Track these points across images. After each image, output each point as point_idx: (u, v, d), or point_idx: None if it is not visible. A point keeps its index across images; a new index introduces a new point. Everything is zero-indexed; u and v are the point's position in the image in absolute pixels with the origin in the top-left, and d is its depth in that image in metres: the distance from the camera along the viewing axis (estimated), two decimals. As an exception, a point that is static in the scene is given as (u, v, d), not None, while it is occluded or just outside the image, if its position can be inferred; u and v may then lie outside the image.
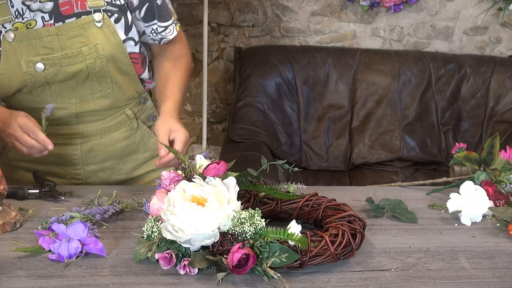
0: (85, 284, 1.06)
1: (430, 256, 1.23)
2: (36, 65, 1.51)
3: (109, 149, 1.67)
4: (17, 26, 1.50)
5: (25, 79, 1.53)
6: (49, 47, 1.51)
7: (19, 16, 1.49)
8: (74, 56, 1.53)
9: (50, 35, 1.51)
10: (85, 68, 1.54)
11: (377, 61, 3.27)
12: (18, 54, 1.51)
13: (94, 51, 1.54)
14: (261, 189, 1.30)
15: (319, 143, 3.21)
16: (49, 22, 1.51)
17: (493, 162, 1.57)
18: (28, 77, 1.52)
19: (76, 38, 1.52)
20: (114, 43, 1.55)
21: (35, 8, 1.49)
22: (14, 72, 1.52)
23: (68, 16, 1.52)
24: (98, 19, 1.53)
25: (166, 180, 1.23)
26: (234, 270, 1.07)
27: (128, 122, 1.68)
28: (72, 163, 1.67)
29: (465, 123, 3.31)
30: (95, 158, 1.66)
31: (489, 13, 3.49)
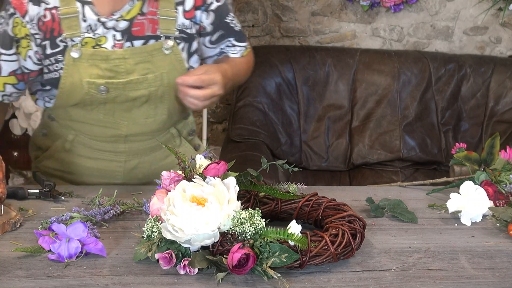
0: (85, 284, 1.06)
1: (430, 256, 1.23)
2: (99, 87, 1.46)
3: (152, 167, 1.66)
4: (87, 41, 1.45)
5: (84, 98, 1.49)
6: (115, 71, 1.47)
7: (90, 31, 1.45)
8: (139, 83, 1.49)
9: (118, 58, 1.46)
10: (146, 94, 1.51)
11: (377, 61, 3.27)
12: (82, 73, 1.46)
13: (159, 79, 1.50)
14: (261, 189, 1.30)
15: (319, 143, 3.21)
16: (120, 41, 1.46)
17: (493, 162, 1.57)
18: (88, 96, 1.48)
19: (143, 64, 1.48)
20: (179, 72, 1.51)
21: (109, 25, 1.45)
22: (74, 89, 1.48)
23: (137, 38, 1.47)
24: (167, 46, 1.49)
25: (166, 180, 1.23)
26: (234, 270, 1.07)
27: (172, 140, 1.67)
28: (113, 179, 1.65)
29: (465, 123, 3.31)
30: (137, 175, 1.65)
31: (489, 13, 3.49)
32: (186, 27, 1.53)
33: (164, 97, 1.55)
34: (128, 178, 1.66)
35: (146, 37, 1.48)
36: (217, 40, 1.60)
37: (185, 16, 1.52)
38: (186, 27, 1.53)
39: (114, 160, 1.63)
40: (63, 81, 1.47)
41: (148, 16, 1.47)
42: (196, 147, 1.77)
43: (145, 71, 1.49)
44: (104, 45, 1.46)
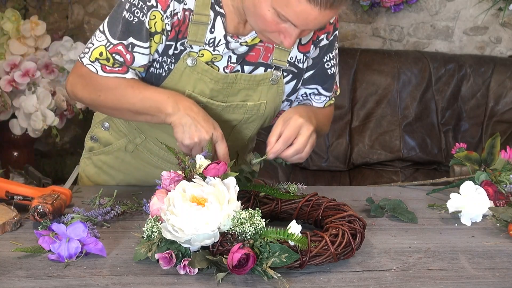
0: (85, 284, 1.06)
1: (430, 256, 1.23)
2: (199, 104, 1.38)
3: None
4: (203, 53, 1.40)
5: None
6: (219, 92, 1.43)
7: (212, 45, 1.39)
8: (238, 108, 1.46)
9: (228, 83, 1.42)
10: (240, 119, 1.48)
11: (377, 61, 3.27)
12: (187, 82, 1.41)
13: (257, 108, 1.47)
14: (261, 189, 1.30)
15: (319, 143, 3.21)
16: (233, 64, 1.42)
17: (494, 162, 1.57)
18: None
19: (247, 90, 1.45)
20: (276, 104, 1.48)
21: (232, 46, 1.40)
22: None
23: (249, 63, 1.43)
24: (276, 78, 1.45)
25: (166, 180, 1.23)
26: (234, 270, 1.07)
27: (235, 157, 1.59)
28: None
29: (465, 123, 3.31)
30: None
31: (489, 13, 3.49)
32: (298, 61, 1.48)
33: (254, 123, 1.51)
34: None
35: (256, 63, 1.45)
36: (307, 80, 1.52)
37: (299, 49, 1.47)
38: (298, 61, 1.48)
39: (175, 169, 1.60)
40: (167, 82, 1.42)
41: (266, 44, 1.43)
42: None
43: (246, 97, 1.46)
44: (217, 63, 1.42)
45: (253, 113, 1.48)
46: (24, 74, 2.72)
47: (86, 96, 1.42)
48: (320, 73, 1.52)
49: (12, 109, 2.82)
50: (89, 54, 1.39)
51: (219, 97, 1.44)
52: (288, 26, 1.25)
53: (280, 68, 1.46)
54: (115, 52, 1.37)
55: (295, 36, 1.27)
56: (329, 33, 1.48)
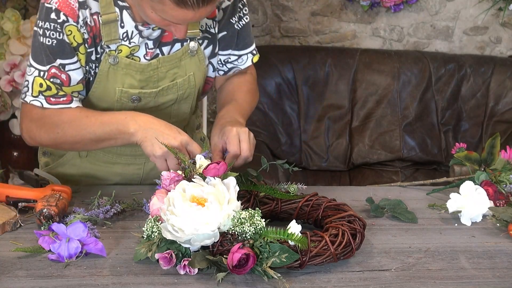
0: (85, 284, 1.06)
1: (430, 256, 1.23)
2: (132, 97, 1.46)
3: None
4: (121, 49, 1.43)
5: (114, 105, 1.48)
6: (148, 80, 1.47)
7: (127, 39, 1.43)
8: (169, 89, 1.49)
9: (152, 70, 1.46)
10: (175, 98, 1.52)
11: (377, 61, 3.27)
12: (115, 80, 1.45)
13: (187, 82, 1.50)
14: (261, 189, 1.30)
15: (319, 143, 3.21)
16: (151, 50, 1.46)
17: (494, 162, 1.57)
18: (118, 104, 1.47)
19: (172, 70, 1.49)
20: (202, 71, 1.53)
21: (145, 34, 1.43)
22: (106, 95, 1.47)
23: (165, 44, 1.47)
24: (193, 49, 1.49)
25: (166, 180, 1.23)
26: (234, 270, 1.07)
27: None
28: (132, 181, 1.65)
29: (465, 123, 3.31)
30: (154, 176, 1.61)
31: (489, 13, 3.49)
32: (209, 27, 1.52)
33: (190, 98, 1.55)
34: (145, 180, 1.65)
35: (173, 42, 1.48)
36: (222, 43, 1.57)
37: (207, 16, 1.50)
38: (209, 27, 1.52)
39: (134, 163, 1.63)
40: (96, 86, 1.46)
41: None
42: (201, 139, 1.77)
43: (174, 76, 1.49)
44: (137, 54, 1.45)
45: (185, 88, 1.52)
46: (24, 74, 2.72)
47: (44, 137, 1.43)
48: (232, 34, 1.56)
49: (12, 109, 2.82)
50: (30, 90, 1.41)
51: (150, 85, 1.48)
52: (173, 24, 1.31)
53: (195, 38, 1.50)
54: (51, 77, 1.40)
55: (183, 29, 1.33)
56: None
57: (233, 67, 1.61)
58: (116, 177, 1.64)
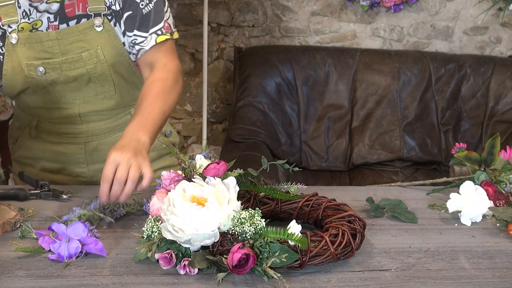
0: (85, 284, 1.06)
1: (430, 256, 1.23)
2: (37, 68, 1.51)
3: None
4: (23, 26, 1.49)
5: (27, 81, 1.53)
6: (50, 52, 1.51)
7: (26, 16, 1.49)
8: (75, 62, 1.52)
9: (51, 40, 1.50)
10: (86, 72, 1.54)
11: (377, 61, 3.27)
12: (20, 57, 1.51)
13: (95, 56, 1.53)
14: (261, 189, 1.30)
15: (319, 143, 3.21)
16: (54, 23, 1.50)
17: (494, 162, 1.57)
18: (29, 79, 1.53)
19: (77, 43, 1.52)
20: (115, 48, 1.54)
21: (42, 9, 1.48)
22: (16, 73, 1.52)
23: (70, 18, 1.51)
24: (98, 23, 1.51)
25: (166, 180, 1.23)
26: (234, 270, 1.07)
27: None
28: (77, 162, 1.68)
29: (465, 123, 3.31)
30: (100, 157, 1.66)
31: (489, 13, 3.49)
32: (112, 3, 1.53)
33: (107, 74, 1.56)
34: (91, 161, 1.68)
35: (78, 16, 1.51)
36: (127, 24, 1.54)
37: None
38: (112, 3, 1.53)
39: (75, 143, 1.66)
40: (5, 66, 1.52)
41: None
42: (167, 134, 1.78)
43: (80, 50, 1.52)
44: (40, 28, 1.50)
45: (94, 62, 1.53)
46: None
47: None
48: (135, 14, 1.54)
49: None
50: None
51: (53, 57, 1.52)
52: None
53: (100, 13, 1.52)
54: None
55: None
56: None
57: (140, 49, 1.57)
58: (62, 158, 1.67)
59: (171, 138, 1.78)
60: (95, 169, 1.68)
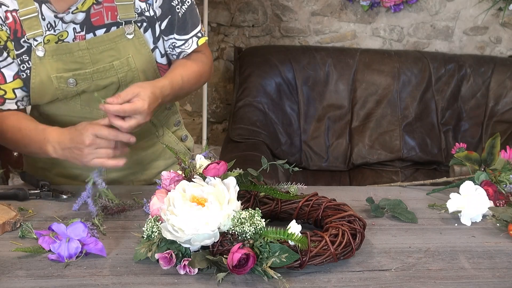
0: (85, 284, 1.06)
1: (430, 256, 1.23)
2: (68, 80, 1.48)
3: (134, 157, 1.64)
4: (49, 39, 1.46)
5: (56, 94, 1.50)
6: (80, 62, 1.48)
7: (51, 28, 1.45)
8: (106, 71, 1.50)
9: (81, 50, 1.48)
10: (116, 81, 1.52)
11: (377, 61, 3.27)
12: (48, 70, 1.47)
13: (126, 65, 1.51)
14: (261, 189, 1.30)
15: (319, 143, 3.21)
16: (80, 33, 1.48)
17: (494, 162, 1.57)
18: (59, 91, 1.50)
19: (107, 51, 1.50)
20: (144, 55, 1.53)
21: (67, 19, 1.45)
22: (45, 87, 1.49)
23: (98, 27, 1.49)
24: (129, 31, 1.50)
25: (166, 180, 1.23)
26: (234, 270, 1.07)
27: (153, 130, 1.67)
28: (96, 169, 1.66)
29: (465, 123, 3.31)
30: None
31: (489, 13, 3.49)
32: (144, 10, 1.52)
33: (136, 81, 1.55)
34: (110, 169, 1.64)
35: (107, 25, 1.49)
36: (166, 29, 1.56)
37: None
38: (144, 10, 1.52)
39: None
40: (33, 80, 1.49)
41: (105, 4, 1.48)
42: (182, 138, 1.77)
43: (111, 58, 1.51)
44: (66, 39, 1.48)
45: (125, 71, 1.52)
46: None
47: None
48: (173, 18, 1.55)
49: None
50: None
51: (83, 67, 1.49)
52: None
53: (131, 21, 1.50)
54: None
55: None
56: None
57: (181, 52, 1.61)
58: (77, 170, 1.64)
59: (186, 143, 1.76)
60: (113, 177, 1.66)
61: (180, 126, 1.76)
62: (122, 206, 1.38)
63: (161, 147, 1.69)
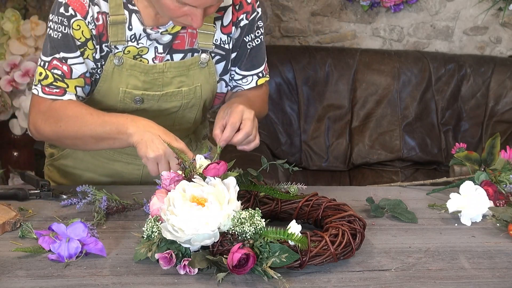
0: (85, 284, 1.06)
1: (430, 256, 1.23)
2: (135, 98, 1.48)
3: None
4: (129, 50, 1.46)
5: (116, 105, 1.50)
6: (152, 83, 1.48)
7: (135, 40, 1.45)
8: (174, 95, 1.51)
9: (158, 72, 1.48)
10: (179, 105, 1.53)
11: (377, 61, 3.27)
12: (119, 81, 1.47)
13: (193, 92, 1.52)
14: (261, 189, 1.30)
15: (319, 143, 3.21)
16: (161, 55, 1.48)
17: (494, 162, 1.57)
18: (120, 104, 1.49)
19: (179, 77, 1.50)
20: (211, 84, 1.53)
21: (153, 37, 1.45)
22: (109, 95, 1.49)
23: (176, 51, 1.49)
24: (204, 60, 1.50)
25: (166, 180, 1.23)
26: (234, 270, 1.07)
27: (189, 145, 1.67)
28: (132, 182, 1.66)
29: (465, 123, 3.31)
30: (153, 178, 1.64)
31: (489, 13, 3.49)
32: (224, 42, 1.53)
33: (195, 108, 1.56)
34: (145, 182, 1.65)
35: (185, 50, 1.49)
36: (233, 60, 1.58)
37: (222, 31, 1.52)
38: (224, 42, 1.53)
39: (133, 163, 1.63)
40: (101, 84, 1.48)
41: (189, 30, 1.48)
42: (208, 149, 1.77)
43: (180, 84, 1.51)
44: (145, 56, 1.47)
45: (190, 98, 1.53)
46: (24, 74, 2.72)
47: (48, 130, 1.45)
48: (241, 52, 1.57)
49: (12, 109, 2.82)
50: (35, 79, 1.46)
51: (154, 88, 1.49)
52: (189, 8, 1.32)
53: (207, 50, 1.51)
54: (53, 68, 1.43)
55: (200, 15, 1.34)
56: (248, 13, 1.54)
57: (236, 86, 1.62)
58: (115, 175, 1.64)
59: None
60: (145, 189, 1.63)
61: (206, 138, 1.77)
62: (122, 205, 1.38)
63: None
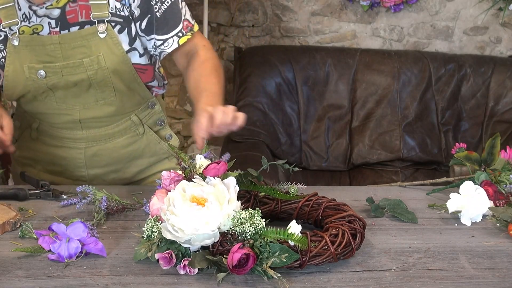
0: (85, 284, 1.06)
1: (430, 256, 1.23)
2: (38, 72, 1.51)
3: (113, 155, 1.68)
4: (23, 30, 1.49)
5: (27, 84, 1.53)
6: (52, 55, 1.51)
7: (26, 19, 1.49)
8: (76, 67, 1.52)
9: (53, 44, 1.50)
10: (86, 78, 1.54)
11: (377, 61, 3.27)
12: (22, 59, 1.51)
13: (96, 63, 1.52)
14: (261, 189, 1.30)
15: (319, 143, 3.21)
16: (55, 29, 1.50)
17: (494, 162, 1.57)
18: (30, 82, 1.52)
19: (79, 48, 1.51)
20: (117, 55, 1.54)
21: (41, 13, 1.48)
22: (17, 76, 1.52)
23: (73, 25, 1.51)
24: (101, 30, 1.51)
25: (166, 180, 1.23)
26: (234, 270, 1.07)
27: (133, 127, 1.68)
28: (77, 166, 1.68)
29: (465, 123, 3.31)
30: (99, 162, 1.68)
31: (489, 13, 3.49)
32: (119, 10, 1.53)
33: (107, 80, 1.56)
34: (90, 166, 1.68)
35: (81, 23, 1.51)
36: (147, 28, 1.57)
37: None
38: (119, 10, 1.53)
39: (75, 147, 1.66)
40: (7, 68, 1.52)
41: (80, 2, 1.50)
42: (166, 137, 1.77)
43: (81, 55, 1.52)
44: (41, 33, 1.50)
45: (95, 69, 1.53)
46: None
47: None
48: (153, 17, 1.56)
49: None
50: None
51: (54, 61, 1.52)
52: None
53: (104, 20, 1.51)
54: None
55: None
56: None
57: (161, 51, 1.61)
58: (63, 161, 1.68)
59: (171, 142, 1.77)
60: (94, 173, 1.69)
61: (164, 125, 1.76)
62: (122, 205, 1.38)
63: (143, 145, 1.71)
